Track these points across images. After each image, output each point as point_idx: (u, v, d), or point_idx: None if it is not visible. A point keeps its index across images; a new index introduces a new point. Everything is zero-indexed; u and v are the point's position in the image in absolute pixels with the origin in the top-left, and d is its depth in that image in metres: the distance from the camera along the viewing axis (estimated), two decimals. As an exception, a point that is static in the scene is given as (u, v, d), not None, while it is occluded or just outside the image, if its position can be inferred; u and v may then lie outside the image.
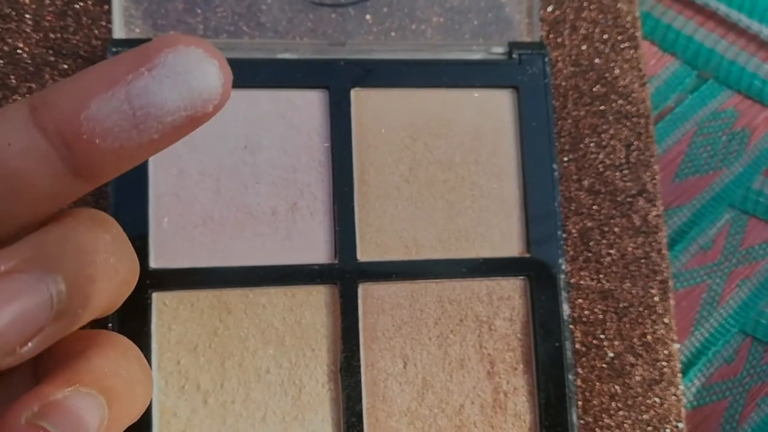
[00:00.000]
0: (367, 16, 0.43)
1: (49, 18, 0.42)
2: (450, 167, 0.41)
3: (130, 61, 0.22)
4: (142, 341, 0.38)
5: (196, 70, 0.22)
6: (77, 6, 0.42)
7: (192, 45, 0.22)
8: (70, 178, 0.23)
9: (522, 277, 0.41)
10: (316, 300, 0.40)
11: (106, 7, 0.42)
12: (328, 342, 0.39)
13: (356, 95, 0.41)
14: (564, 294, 0.41)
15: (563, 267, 0.41)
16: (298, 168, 0.40)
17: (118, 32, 0.41)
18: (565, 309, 0.40)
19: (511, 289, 0.41)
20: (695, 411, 0.44)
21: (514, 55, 0.42)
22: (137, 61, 0.22)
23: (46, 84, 0.41)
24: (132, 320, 0.38)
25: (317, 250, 0.40)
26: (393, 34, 0.43)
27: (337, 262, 0.40)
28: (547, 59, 0.43)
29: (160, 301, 0.38)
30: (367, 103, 0.41)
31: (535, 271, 0.41)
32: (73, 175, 0.23)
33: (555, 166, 0.42)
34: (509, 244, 0.41)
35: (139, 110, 0.22)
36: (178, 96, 0.22)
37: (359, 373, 0.39)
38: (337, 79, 0.41)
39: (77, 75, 0.22)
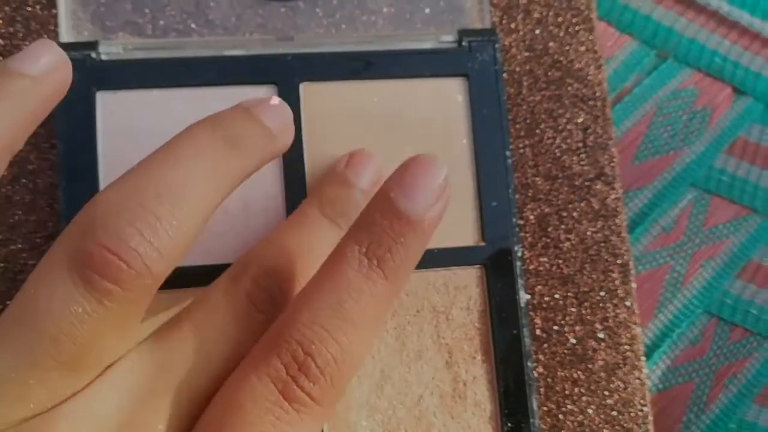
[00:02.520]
0: (317, 10, 0.43)
1: (-3, 24, 0.42)
2: (401, 158, 0.41)
3: None
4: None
5: None
6: (25, 11, 0.42)
7: None
8: None
9: (478, 266, 0.41)
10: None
11: (54, 11, 0.42)
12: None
13: (305, 89, 0.41)
14: (521, 281, 0.40)
15: (519, 254, 0.41)
16: (249, 165, 0.40)
17: (66, 36, 0.41)
18: (522, 296, 0.40)
19: (468, 279, 0.41)
20: (661, 394, 0.44)
21: (464, 43, 0.42)
22: None
23: None
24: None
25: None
26: (344, 26, 0.43)
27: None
28: (497, 46, 0.42)
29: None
30: (316, 97, 0.41)
31: (490, 259, 0.41)
32: None
33: (508, 153, 0.41)
34: (464, 233, 0.41)
35: None
36: None
37: (316, 367, 0.39)
38: (285, 74, 0.41)
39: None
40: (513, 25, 0.45)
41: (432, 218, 0.29)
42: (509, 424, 0.39)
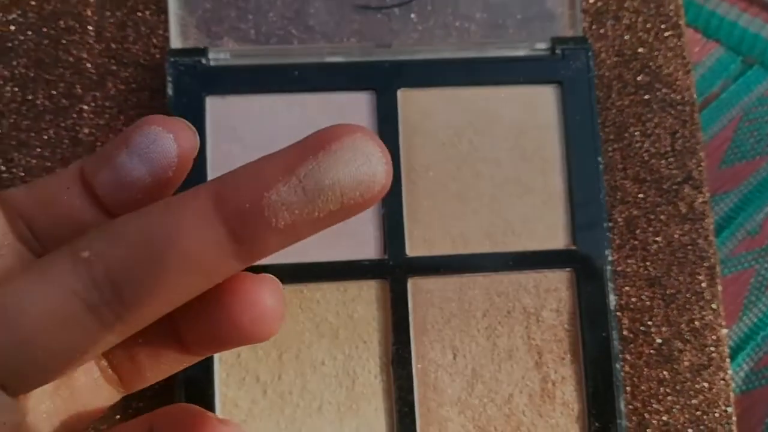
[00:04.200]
0: (412, 15, 0.44)
1: (110, 29, 0.44)
2: (495, 163, 0.43)
3: (308, 146, 0.24)
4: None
5: (364, 158, 0.24)
6: (136, 16, 0.44)
7: (364, 136, 0.24)
8: (233, 258, 0.24)
9: (568, 269, 0.42)
10: (368, 294, 0.41)
11: (163, 16, 0.44)
12: (379, 335, 0.41)
13: (402, 95, 0.43)
14: (610, 285, 0.41)
15: (609, 258, 0.42)
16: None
17: (175, 42, 0.43)
18: (612, 300, 0.41)
19: (558, 281, 0.42)
20: (744, 395, 0.45)
21: (557, 51, 0.43)
22: (314, 147, 0.24)
23: (110, 92, 0.43)
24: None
25: (368, 247, 0.41)
26: (437, 31, 0.44)
27: (386, 257, 0.41)
28: (590, 53, 0.43)
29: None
30: (413, 103, 0.43)
31: (581, 263, 0.42)
32: (236, 256, 0.24)
33: (600, 159, 0.42)
34: (555, 236, 0.42)
35: (311, 194, 0.24)
36: (348, 181, 0.23)
37: (410, 364, 0.40)
38: (383, 80, 0.42)
39: (253, 165, 0.25)
40: (602, 31, 0.46)
41: None
42: (597, 424, 0.40)
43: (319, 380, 0.40)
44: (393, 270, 0.41)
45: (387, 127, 0.42)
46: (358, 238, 0.41)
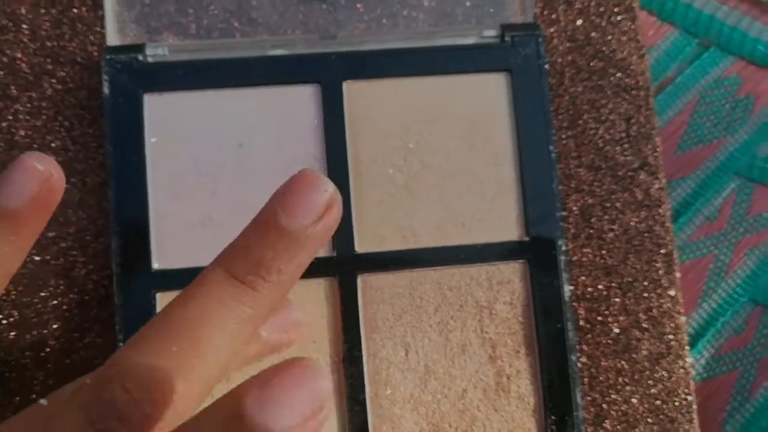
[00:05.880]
0: (358, 6, 0.43)
1: (45, 27, 0.43)
2: (445, 154, 0.42)
3: None
4: (149, 341, 0.39)
5: None
6: (72, 13, 0.43)
7: None
8: None
9: (521, 261, 0.41)
10: (316, 292, 0.40)
11: (100, 12, 0.43)
12: (329, 334, 0.40)
13: (348, 88, 0.42)
14: (565, 275, 0.41)
15: (563, 248, 0.41)
16: (294, 164, 0.41)
17: (112, 39, 0.41)
18: (566, 291, 0.41)
19: (511, 273, 0.41)
20: (705, 383, 0.44)
21: (506, 38, 0.42)
22: None
23: (46, 92, 0.42)
24: (137, 322, 0.38)
25: (316, 244, 0.41)
26: (384, 21, 0.43)
27: (335, 254, 0.40)
28: (540, 40, 0.42)
29: (165, 301, 0.39)
30: (359, 95, 0.42)
31: (534, 254, 0.41)
32: None
33: (552, 148, 0.42)
34: (508, 228, 0.41)
35: None
36: None
37: (361, 362, 0.40)
38: (328, 73, 0.41)
39: None
40: (554, 16, 0.45)
41: (316, 234, 0.29)
42: (553, 417, 0.40)
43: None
44: (341, 267, 0.40)
45: (332, 120, 0.41)
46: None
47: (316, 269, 0.39)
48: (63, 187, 0.32)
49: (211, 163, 0.40)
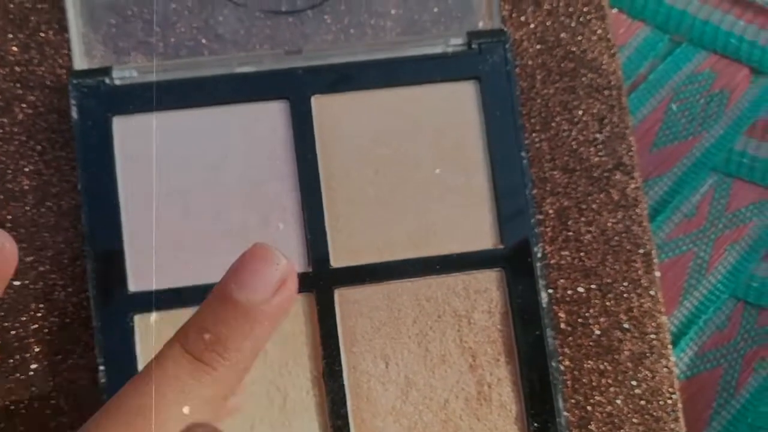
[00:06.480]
0: (325, 17, 0.43)
1: (12, 52, 0.43)
2: (416, 165, 0.42)
3: None
4: (128, 364, 0.39)
5: None
6: (39, 37, 0.43)
7: None
8: None
9: (497, 269, 0.41)
10: (294, 309, 0.40)
11: (66, 35, 0.43)
12: (309, 349, 0.40)
13: (317, 102, 0.41)
14: (542, 282, 0.41)
15: (539, 255, 0.41)
16: (266, 180, 0.41)
17: (79, 62, 0.41)
18: (544, 297, 0.40)
19: (488, 282, 0.41)
20: (690, 381, 0.44)
21: (473, 46, 0.42)
22: None
23: (17, 117, 0.42)
24: (115, 344, 0.39)
25: (291, 260, 0.40)
26: (352, 31, 0.43)
27: (311, 270, 0.40)
28: (507, 46, 0.42)
29: (143, 323, 0.39)
30: (328, 109, 0.42)
31: (510, 261, 0.41)
32: None
33: (523, 154, 0.41)
34: (482, 237, 0.41)
35: None
36: None
37: (341, 376, 0.40)
38: (296, 89, 0.41)
39: None
40: (523, 18, 0.45)
41: (272, 308, 0.30)
42: (535, 424, 0.40)
43: (249, 400, 0.40)
44: (318, 282, 0.40)
45: (302, 136, 0.41)
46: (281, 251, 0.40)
47: (292, 286, 0.39)
48: (16, 259, 0.31)
49: (183, 183, 0.40)
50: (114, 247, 0.40)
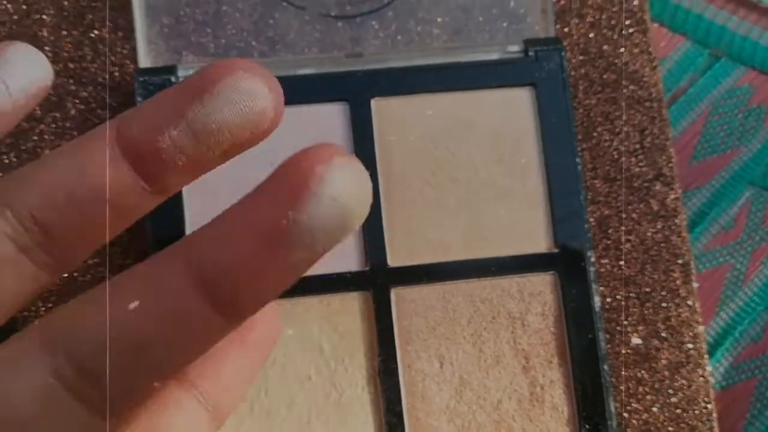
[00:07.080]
0: (373, 22, 0.44)
1: (67, 48, 0.43)
2: (472, 168, 0.42)
3: (193, 88, 0.25)
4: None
5: (249, 97, 0.25)
6: (92, 35, 0.43)
7: (247, 73, 0.25)
8: (141, 193, 0.26)
9: (551, 272, 0.42)
10: (351, 307, 0.41)
11: (120, 33, 0.43)
12: (364, 347, 0.40)
13: (376, 105, 0.42)
14: (594, 286, 0.41)
15: (592, 259, 0.41)
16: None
17: (143, 61, 0.42)
18: (596, 301, 0.41)
19: (542, 285, 0.41)
20: (725, 391, 0.45)
21: (530, 53, 0.43)
22: (199, 89, 0.25)
23: (69, 112, 0.42)
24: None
25: (349, 259, 0.41)
26: (399, 37, 0.44)
27: (368, 268, 0.41)
28: (563, 54, 0.43)
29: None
30: (387, 112, 0.42)
31: (563, 265, 0.41)
32: (143, 191, 0.26)
33: (577, 160, 0.42)
34: (536, 240, 0.42)
35: (201, 137, 0.25)
36: (235, 121, 0.26)
37: (397, 374, 0.40)
38: (356, 91, 0.42)
39: (151, 103, 0.26)
40: (567, 30, 0.46)
41: None
42: (587, 427, 0.40)
43: (306, 395, 0.40)
44: (375, 281, 0.41)
45: (362, 137, 0.42)
46: (339, 251, 0.40)
47: (350, 284, 0.40)
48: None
49: (245, 184, 0.40)
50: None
